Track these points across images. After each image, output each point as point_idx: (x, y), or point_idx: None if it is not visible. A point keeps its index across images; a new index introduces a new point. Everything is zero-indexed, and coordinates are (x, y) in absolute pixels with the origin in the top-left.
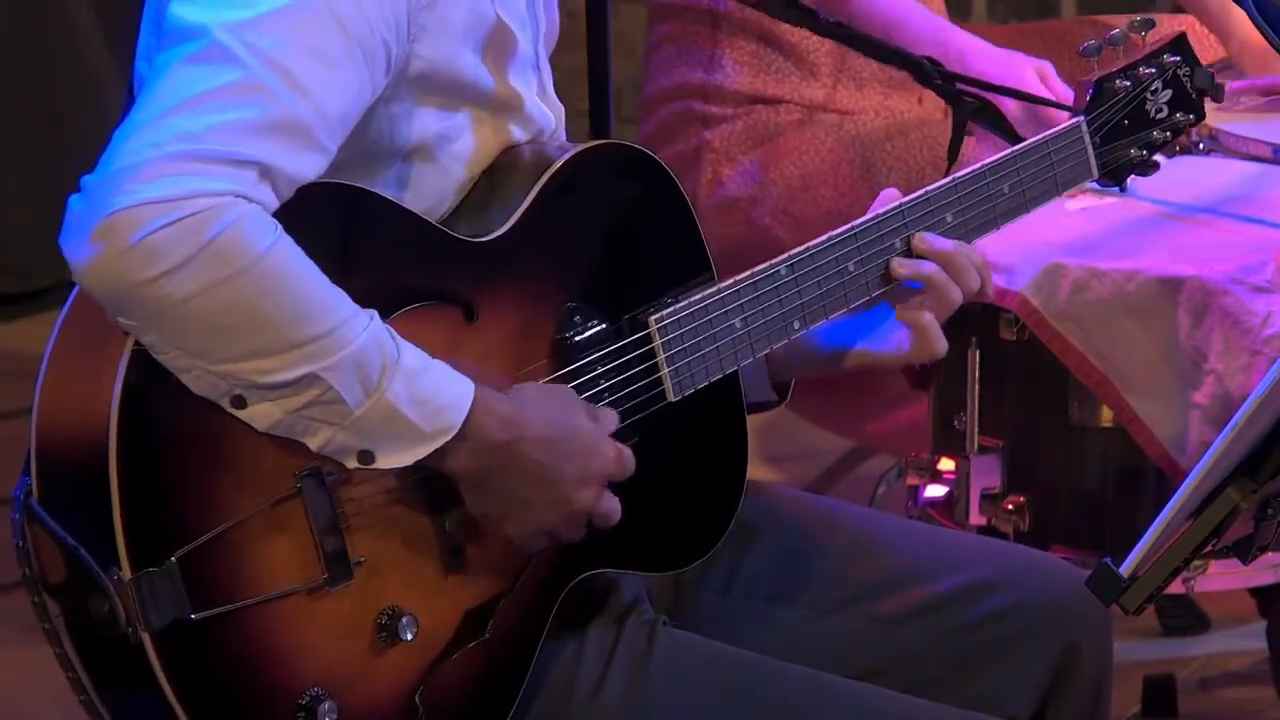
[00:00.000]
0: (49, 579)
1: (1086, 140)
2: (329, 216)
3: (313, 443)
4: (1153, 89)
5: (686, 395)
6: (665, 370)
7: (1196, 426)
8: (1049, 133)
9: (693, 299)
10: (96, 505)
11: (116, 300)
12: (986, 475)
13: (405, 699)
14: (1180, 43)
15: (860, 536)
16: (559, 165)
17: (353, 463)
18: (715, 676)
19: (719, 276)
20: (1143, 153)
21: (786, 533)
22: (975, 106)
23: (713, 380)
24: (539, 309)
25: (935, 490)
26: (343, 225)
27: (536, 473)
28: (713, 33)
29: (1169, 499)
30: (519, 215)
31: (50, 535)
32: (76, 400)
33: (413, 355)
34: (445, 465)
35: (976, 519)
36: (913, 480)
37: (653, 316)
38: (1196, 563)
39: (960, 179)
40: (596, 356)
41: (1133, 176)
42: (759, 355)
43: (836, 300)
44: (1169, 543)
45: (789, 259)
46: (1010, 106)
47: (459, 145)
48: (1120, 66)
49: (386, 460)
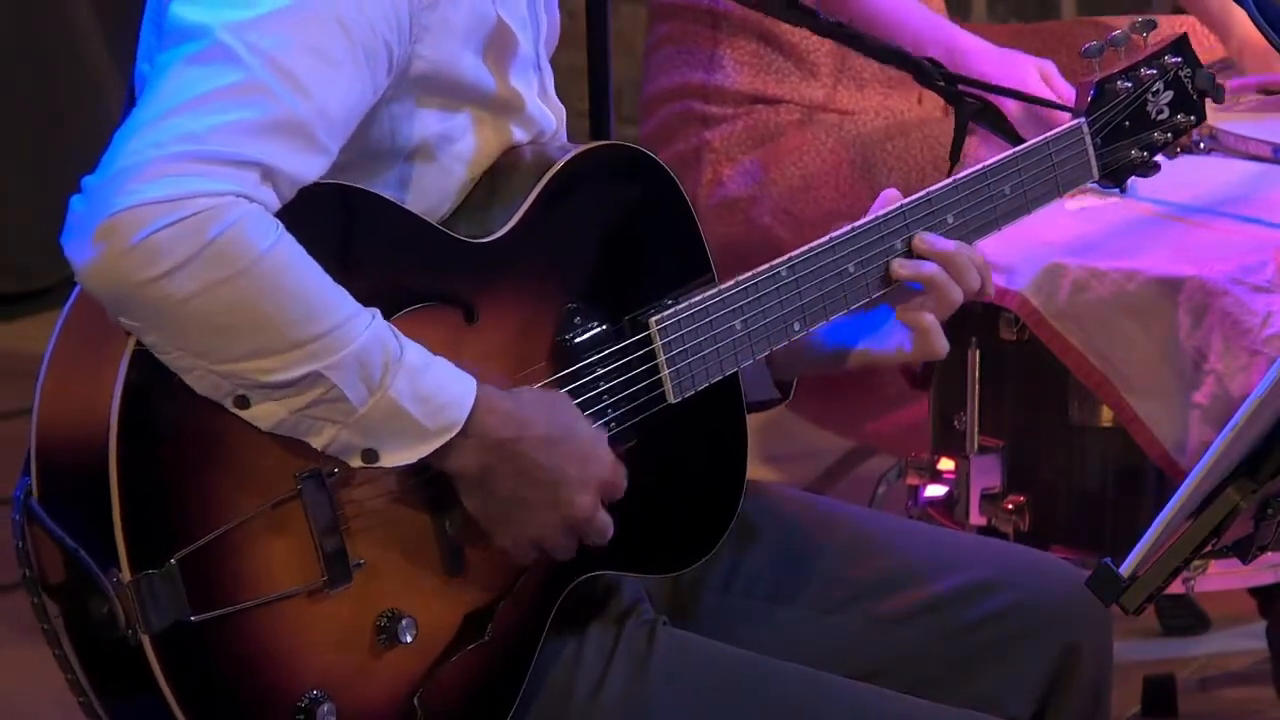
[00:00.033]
0: (49, 580)
1: (1088, 141)
2: (330, 217)
3: (316, 442)
4: (1154, 90)
5: (686, 397)
6: (665, 372)
7: (1196, 426)
8: (1050, 134)
9: (693, 300)
10: (96, 506)
11: (118, 300)
12: (986, 475)
13: (404, 701)
14: (1182, 44)
15: (860, 536)
16: (559, 166)
17: (357, 462)
18: (715, 676)
19: (719, 277)
20: (1144, 154)
21: (786, 532)
22: (976, 107)
23: (713, 382)
24: (539, 310)
25: (935, 490)
26: (343, 226)
27: (537, 473)
28: (713, 33)
29: (1169, 499)
30: (520, 216)
31: (50, 536)
32: (77, 400)
33: (415, 352)
34: (447, 464)
35: (976, 519)
36: (913, 480)
37: (653, 318)
38: (1196, 563)
39: (961, 180)
40: (597, 358)
41: (1133, 177)
42: (759, 357)
43: (837, 302)
44: (1169, 543)
45: (789, 260)
46: (1011, 107)
47: (460, 146)
48: (1121, 68)
49: (390, 458)
